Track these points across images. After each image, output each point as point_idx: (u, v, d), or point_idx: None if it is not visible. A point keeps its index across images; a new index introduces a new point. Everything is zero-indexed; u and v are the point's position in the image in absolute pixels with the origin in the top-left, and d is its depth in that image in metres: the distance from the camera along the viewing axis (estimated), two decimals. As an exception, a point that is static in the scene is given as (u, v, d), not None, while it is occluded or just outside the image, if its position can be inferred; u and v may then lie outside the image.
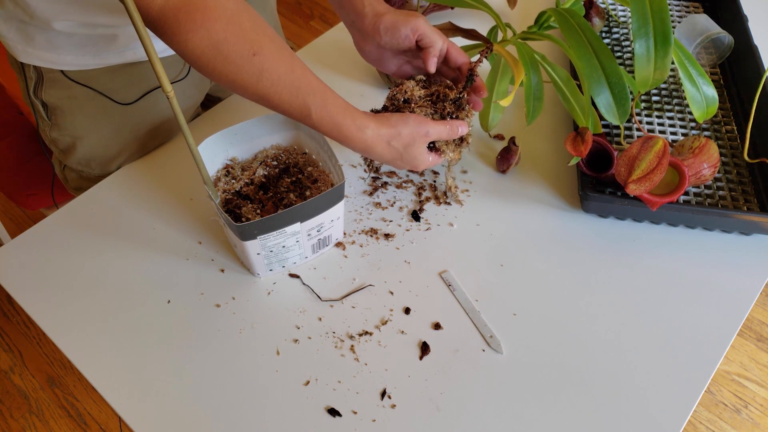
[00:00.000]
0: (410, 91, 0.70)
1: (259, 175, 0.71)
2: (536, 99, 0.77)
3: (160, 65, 0.47)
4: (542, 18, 0.86)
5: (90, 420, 1.37)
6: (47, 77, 0.75)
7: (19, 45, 0.72)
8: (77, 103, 0.78)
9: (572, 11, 0.75)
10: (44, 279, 0.69)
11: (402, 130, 0.66)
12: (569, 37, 0.73)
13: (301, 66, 0.61)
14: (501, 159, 0.80)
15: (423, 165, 0.70)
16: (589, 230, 0.76)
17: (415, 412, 0.61)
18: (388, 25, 0.68)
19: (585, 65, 0.71)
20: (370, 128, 0.65)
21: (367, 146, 0.65)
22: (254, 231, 0.61)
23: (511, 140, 0.79)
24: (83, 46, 0.72)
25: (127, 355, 0.64)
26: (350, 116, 0.63)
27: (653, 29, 0.71)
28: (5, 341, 1.49)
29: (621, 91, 0.72)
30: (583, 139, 0.71)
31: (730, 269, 0.72)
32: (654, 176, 0.68)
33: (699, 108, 0.78)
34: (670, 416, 0.61)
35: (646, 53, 0.71)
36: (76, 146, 0.82)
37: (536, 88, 0.76)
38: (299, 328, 0.66)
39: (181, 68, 0.83)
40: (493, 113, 0.83)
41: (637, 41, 0.71)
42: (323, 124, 0.63)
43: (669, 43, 0.70)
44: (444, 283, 0.70)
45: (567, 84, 0.78)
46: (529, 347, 0.65)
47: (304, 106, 0.61)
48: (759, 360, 1.49)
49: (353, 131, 0.64)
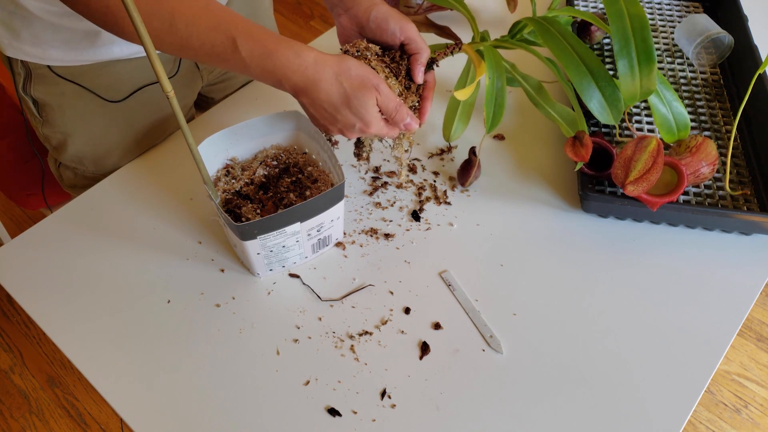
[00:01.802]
0: (364, 45, 0.64)
1: (259, 175, 0.71)
2: (497, 105, 0.73)
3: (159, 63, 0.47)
4: (516, 27, 0.83)
5: (90, 420, 1.37)
6: (35, 73, 0.75)
7: (5, 39, 0.72)
8: (66, 100, 0.78)
9: (552, 20, 0.73)
10: (44, 279, 0.69)
11: (352, 67, 0.58)
12: (552, 47, 0.71)
13: (217, 4, 0.56)
14: (461, 172, 0.77)
15: (374, 123, 0.60)
16: (589, 230, 0.76)
17: (415, 411, 0.61)
18: (379, 15, 0.65)
19: (573, 72, 0.71)
20: (313, 54, 0.56)
21: (308, 78, 0.56)
22: (254, 231, 0.61)
23: (471, 150, 0.76)
24: (69, 41, 0.72)
25: (127, 355, 0.64)
26: (285, 43, 0.56)
27: (635, 48, 0.70)
28: (5, 341, 1.49)
29: (612, 92, 0.71)
30: (582, 143, 0.71)
31: (730, 269, 0.72)
32: (650, 176, 0.68)
33: (669, 131, 0.76)
34: (670, 416, 0.61)
35: (630, 72, 0.71)
36: (67, 143, 0.82)
37: (498, 94, 0.73)
38: (299, 328, 0.66)
39: (171, 65, 0.83)
40: (457, 124, 0.80)
41: (619, 60, 0.70)
42: (254, 58, 0.55)
43: (652, 60, 0.70)
44: (444, 283, 0.70)
45: (539, 92, 0.77)
46: (529, 347, 0.65)
47: (228, 41, 0.54)
48: (759, 360, 1.49)
49: (290, 58, 0.55)
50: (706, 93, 0.90)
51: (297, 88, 0.58)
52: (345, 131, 0.63)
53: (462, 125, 0.80)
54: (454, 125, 0.80)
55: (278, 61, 0.55)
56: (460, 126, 0.80)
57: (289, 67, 0.56)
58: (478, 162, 0.76)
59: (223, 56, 0.56)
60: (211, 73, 0.91)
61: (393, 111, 0.62)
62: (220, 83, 0.96)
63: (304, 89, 0.57)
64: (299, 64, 0.56)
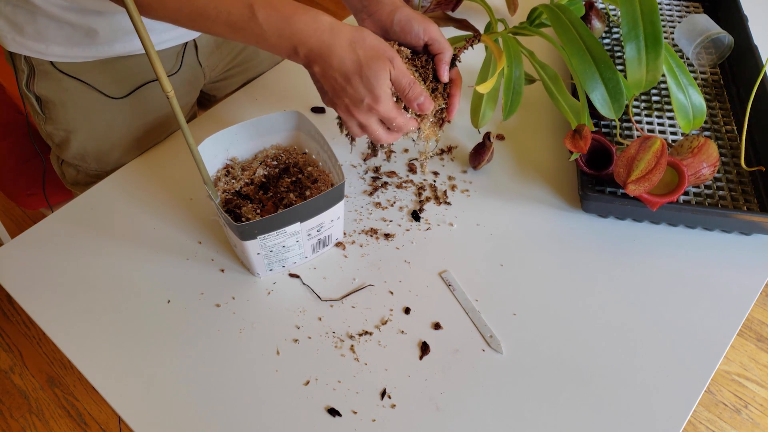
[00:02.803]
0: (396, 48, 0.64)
1: (259, 175, 0.71)
2: (515, 93, 0.75)
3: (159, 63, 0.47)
4: (534, 14, 0.86)
5: (90, 420, 1.37)
6: (39, 69, 0.75)
7: (8, 34, 0.72)
8: (69, 96, 0.78)
9: (564, 7, 0.74)
10: (44, 279, 0.69)
11: (367, 36, 0.58)
12: (561, 34, 0.72)
13: None
14: (474, 154, 0.80)
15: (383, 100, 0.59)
16: (589, 230, 0.76)
17: (415, 412, 0.61)
18: (402, 18, 0.65)
19: (578, 62, 0.71)
20: (329, 19, 0.56)
21: (323, 42, 0.56)
22: (254, 231, 0.61)
23: (485, 136, 0.78)
24: (71, 37, 0.72)
25: (127, 355, 0.64)
26: (302, 8, 0.56)
27: (643, 32, 0.71)
28: (5, 341, 1.49)
29: (615, 85, 0.71)
30: (581, 135, 0.71)
31: (730, 269, 0.72)
32: (653, 176, 0.68)
33: (685, 118, 0.77)
34: (670, 416, 0.61)
35: (637, 56, 0.71)
36: (70, 140, 0.82)
37: (516, 82, 0.75)
38: (299, 328, 0.66)
39: (174, 62, 0.83)
40: (485, 110, 0.81)
41: (627, 44, 0.71)
42: (270, 24, 0.55)
43: (660, 45, 0.70)
44: (444, 283, 0.70)
45: (554, 82, 0.77)
46: (529, 347, 0.65)
47: (245, 8, 0.55)
48: (759, 360, 1.49)
49: (307, 22, 0.56)
50: (706, 93, 0.90)
51: (311, 54, 0.57)
52: (352, 107, 0.60)
53: (490, 110, 0.82)
54: (482, 111, 0.81)
55: (295, 25, 0.55)
56: (488, 111, 0.81)
57: (305, 32, 0.55)
58: (492, 148, 0.77)
59: (240, 24, 0.56)
60: (213, 70, 0.91)
61: (407, 86, 0.60)
62: (222, 81, 0.96)
63: (319, 54, 0.56)
64: (316, 28, 0.56)
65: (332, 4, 2.40)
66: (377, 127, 0.62)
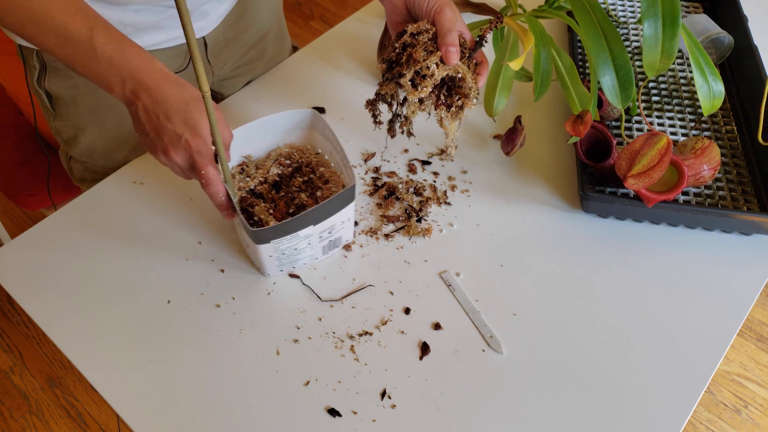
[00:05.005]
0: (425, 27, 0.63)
1: (273, 173, 0.70)
2: (545, 73, 0.74)
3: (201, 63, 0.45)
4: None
5: (90, 420, 1.37)
6: (50, 66, 0.76)
7: None
8: (79, 93, 0.78)
9: None
10: (44, 279, 0.69)
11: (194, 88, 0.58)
12: (579, 16, 0.71)
13: None
14: (506, 140, 0.78)
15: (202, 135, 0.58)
16: (589, 230, 0.76)
17: (415, 412, 0.61)
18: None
19: (593, 45, 0.71)
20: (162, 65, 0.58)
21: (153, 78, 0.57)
22: (269, 236, 0.61)
23: (516, 119, 0.77)
24: None
25: (127, 355, 0.64)
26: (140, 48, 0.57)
27: (662, 9, 0.70)
28: (5, 341, 1.49)
29: (626, 74, 0.71)
30: (582, 120, 0.71)
31: (730, 269, 0.72)
32: (654, 173, 0.68)
33: (706, 99, 0.77)
34: (670, 416, 0.61)
35: (654, 34, 0.71)
36: (79, 137, 0.82)
37: (545, 62, 0.75)
38: (299, 328, 0.66)
39: (182, 60, 0.83)
40: (498, 98, 0.80)
41: (645, 22, 0.70)
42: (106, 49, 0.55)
43: (677, 24, 0.70)
44: (444, 283, 0.70)
45: (569, 72, 0.77)
46: (529, 347, 0.65)
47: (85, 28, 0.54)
48: (759, 360, 1.49)
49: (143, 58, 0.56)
50: (706, 93, 0.90)
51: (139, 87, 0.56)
52: (170, 146, 0.59)
53: (504, 98, 0.80)
54: (495, 99, 0.80)
55: (130, 58, 0.55)
56: (501, 99, 0.80)
57: (137, 66, 0.56)
58: (524, 131, 0.76)
59: (74, 41, 0.55)
60: (221, 68, 0.92)
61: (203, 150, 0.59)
62: (230, 79, 0.96)
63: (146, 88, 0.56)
64: (148, 66, 0.56)
65: (332, 5, 2.40)
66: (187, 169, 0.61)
